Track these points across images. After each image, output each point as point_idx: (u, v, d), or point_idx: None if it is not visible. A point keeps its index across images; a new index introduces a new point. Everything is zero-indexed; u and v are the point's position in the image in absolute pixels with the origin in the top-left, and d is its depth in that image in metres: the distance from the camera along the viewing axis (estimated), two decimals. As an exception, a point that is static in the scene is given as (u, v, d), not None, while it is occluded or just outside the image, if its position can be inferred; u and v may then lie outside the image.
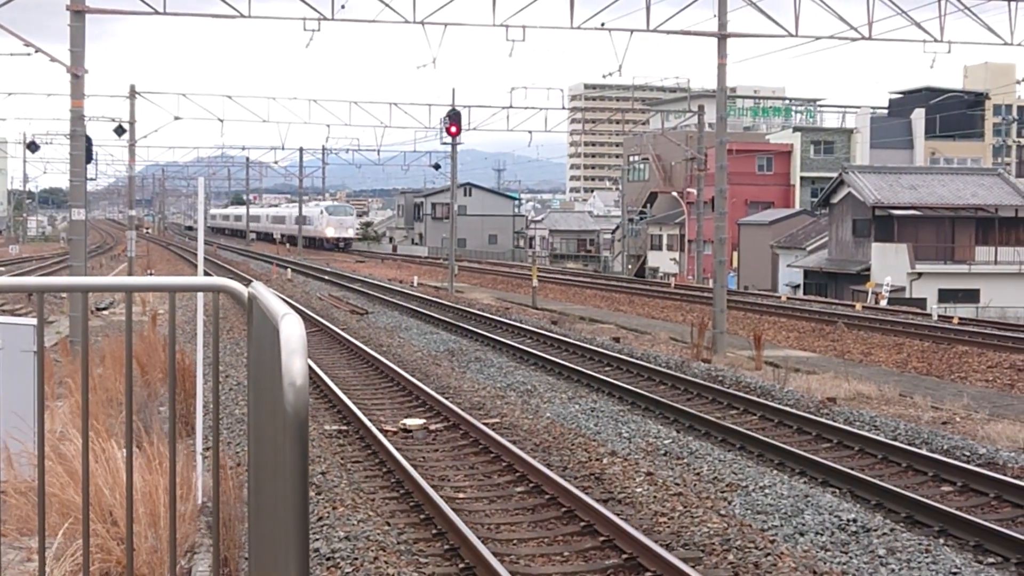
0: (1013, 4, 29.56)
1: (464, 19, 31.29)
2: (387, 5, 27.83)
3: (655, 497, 12.69)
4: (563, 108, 63.77)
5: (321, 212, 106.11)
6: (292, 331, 2.90)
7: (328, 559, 10.20)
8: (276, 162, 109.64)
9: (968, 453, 14.90)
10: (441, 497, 12.17)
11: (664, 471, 13.95)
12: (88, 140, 25.39)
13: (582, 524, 11.50)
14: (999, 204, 59.85)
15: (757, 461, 14.87)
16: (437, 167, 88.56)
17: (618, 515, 11.56)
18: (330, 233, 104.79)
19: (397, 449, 14.65)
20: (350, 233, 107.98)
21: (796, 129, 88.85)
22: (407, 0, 27.66)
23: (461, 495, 12.99)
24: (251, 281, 3.84)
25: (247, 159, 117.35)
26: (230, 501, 10.56)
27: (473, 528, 11.14)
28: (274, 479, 3.10)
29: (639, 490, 13.06)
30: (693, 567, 9.81)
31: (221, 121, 52.08)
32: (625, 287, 50.83)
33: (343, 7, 27.84)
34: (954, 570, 9.93)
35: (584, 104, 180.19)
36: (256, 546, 3.63)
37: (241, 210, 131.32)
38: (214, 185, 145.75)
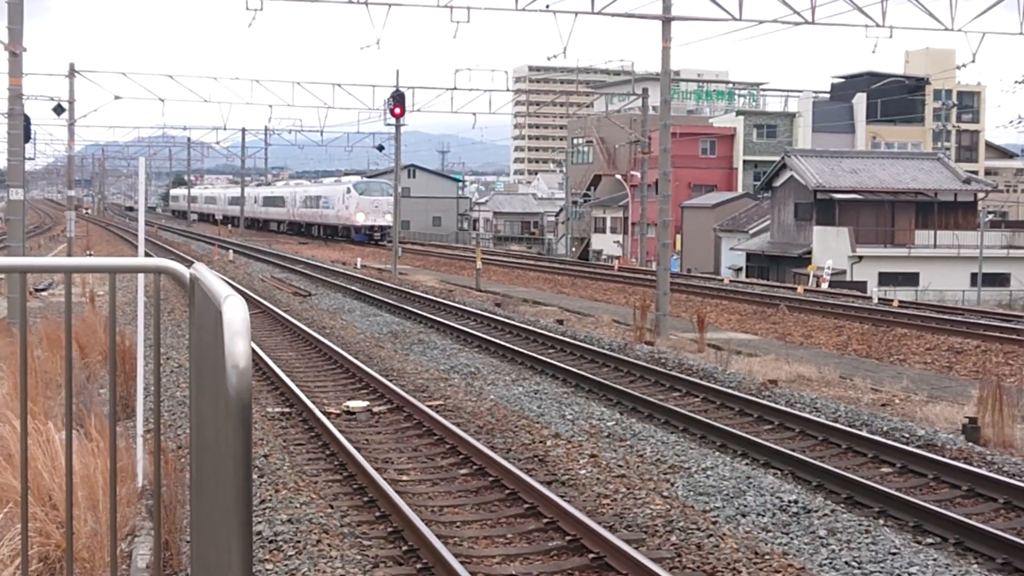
0: (953, -10, 29.82)
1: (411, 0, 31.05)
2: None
3: (598, 479, 12.73)
4: (508, 90, 63.80)
5: (348, 191, 78.73)
6: (235, 313, 2.87)
7: (271, 542, 10.15)
8: (218, 142, 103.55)
9: (907, 435, 15.06)
10: (384, 479, 12.14)
11: (607, 453, 14.00)
12: (27, 119, 25.02)
13: (526, 506, 11.52)
14: (938, 188, 60.52)
15: (699, 443, 14.96)
16: (381, 148, 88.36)
17: (562, 497, 11.59)
18: (360, 220, 77.29)
19: (340, 431, 14.60)
20: (387, 219, 72.96)
21: (739, 113, 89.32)
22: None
23: (405, 477, 12.98)
24: (193, 262, 3.80)
25: (188, 139, 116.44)
26: (171, 484, 10.50)
27: (417, 511, 11.12)
28: (216, 462, 3.07)
29: (583, 472, 13.10)
30: (636, 548, 9.85)
31: (162, 101, 51.69)
32: (569, 269, 50.89)
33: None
34: (893, 550, 10.03)
35: (529, 86, 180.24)
36: (198, 529, 3.60)
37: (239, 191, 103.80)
38: (155, 165, 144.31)
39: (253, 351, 21.64)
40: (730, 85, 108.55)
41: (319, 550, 9.96)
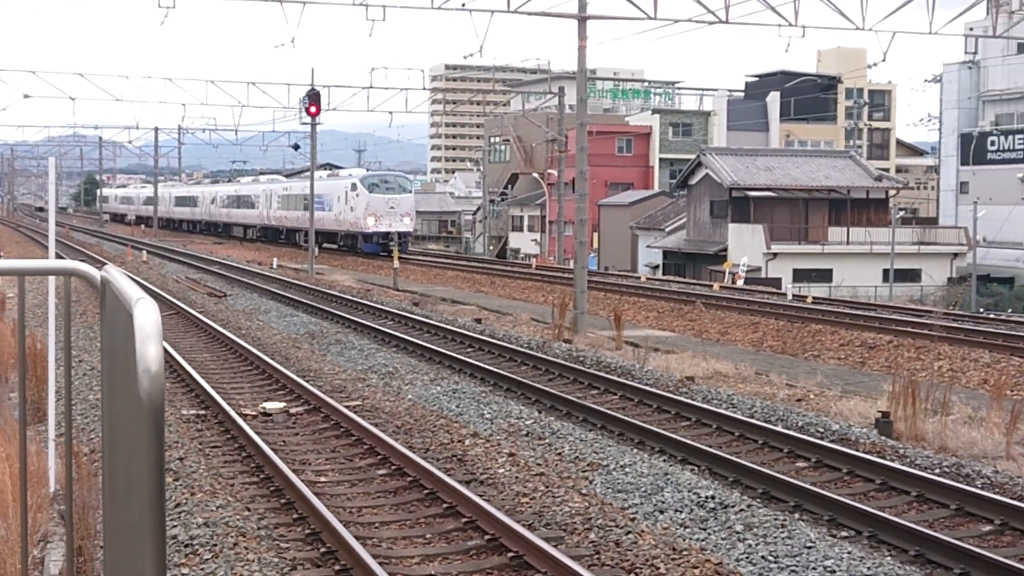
0: (864, -10, 30.25)
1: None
2: (244, -18, 27.40)
3: (517, 477, 12.76)
4: (424, 89, 63.74)
5: (354, 188, 61.63)
6: (147, 316, 2.84)
7: (186, 546, 10.05)
8: (131, 142, 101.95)
9: (822, 429, 15.25)
10: (302, 481, 12.07)
11: (526, 451, 14.03)
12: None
13: (445, 506, 11.51)
14: (851, 186, 61.37)
15: (618, 440, 15.04)
16: (296, 147, 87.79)
17: (481, 496, 11.60)
18: (370, 225, 60.00)
19: (257, 433, 14.50)
20: (406, 224, 61.05)
21: (655, 111, 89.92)
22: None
23: (323, 479, 12.91)
24: (104, 264, 3.75)
25: (100, 139, 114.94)
26: (84, 489, 10.36)
27: (335, 512, 11.07)
28: (129, 467, 3.04)
29: (501, 471, 13.11)
30: (555, 547, 9.89)
31: (73, 100, 51.00)
32: (487, 268, 50.91)
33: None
34: (808, 544, 10.16)
35: (445, 85, 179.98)
36: (111, 535, 3.56)
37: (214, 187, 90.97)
38: (66, 165, 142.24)
39: (167, 353, 21.46)
40: (646, 84, 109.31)
41: (236, 553, 9.88)
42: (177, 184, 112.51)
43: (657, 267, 64.21)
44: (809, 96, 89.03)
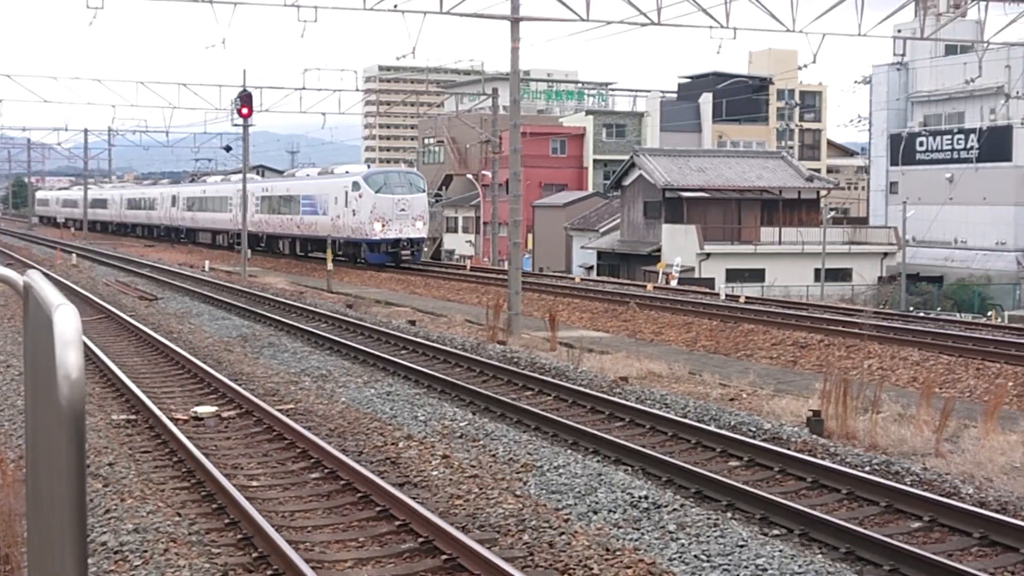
0: (794, -8, 30.52)
1: (254, -2, 30.60)
2: (174, -17, 27.18)
3: (451, 480, 12.75)
4: (357, 90, 63.61)
5: (356, 187, 52.12)
6: (67, 323, 2.81)
7: (116, 552, 9.94)
8: (60, 144, 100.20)
9: (754, 429, 15.36)
10: (234, 485, 11.99)
11: (460, 453, 14.02)
12: None
13: (378, 509, 11.48)
14: (783, 186, 61.91)
15: (552, 441, 15.07)
16: (228, 149, 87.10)
17: (414, 499, 11.58)
18: (377, 231, 50.99)
19: (188, 438, 14.37)
20: (419, 229, 52.33)
21: (589, 112, 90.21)
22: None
23: (255, 483, 12.83)
24: (27, 269, 3.70)
25: (28, 140, 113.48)
26: (10, 496, 10.21)
27: (267, 516, 11.01)
28: (50, 473, 3.01)
29: (435, 473, 13.09)
30: (489, 548, 9.89)
31: (-1, 101, 50.19)
32: (421, 270, 50.77)
33: (128, -16, 26.99)
34: (741, 543, 10.23)
35: (379, 86, 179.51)
36: (34, 542, 3.52)
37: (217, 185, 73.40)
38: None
39: (96, 357, 21.25)
40: (579, 85, 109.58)
41: (166, 559, 9.78)
42: (129, 185, 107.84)
43: (591, 268, 64.43)
44: (741, 97, 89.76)
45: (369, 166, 67.04)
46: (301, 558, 9.61)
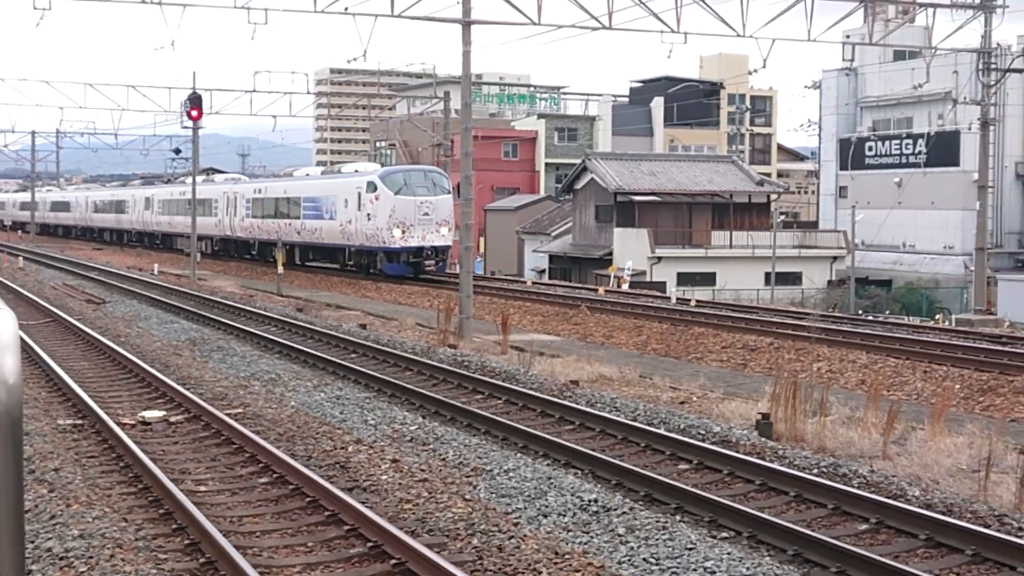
0: (744, -3, 30.70)
1: (204, 0, 30.47)
2: (122, -16, 26.99)
3: (400, 484, 12.72)
4: (308, 93, 63.28)
5: (371, 188, 45.33)
6: (3, 327, 2.79)
7: (61, 559, 9.84)
8: (6, 146, 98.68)
9: (704, 431, 15.42)
10: (181, 491, 11.91)
11: (410, 457, 13.99)
12: None
13: (327, 513, 11.44)
14: (733, 190, 62.27)
15: (502, 445, 15.07)
16: (178, 152, 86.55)
17: (363, 503, 11.55)
18: (397, 237, 44.45)
19: (135, 442, 14.28)
20: (444, 236, 45.48)
21: (541, 116, 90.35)
22: (143, -21, 26.82)
23: (203, 488, 12.75)
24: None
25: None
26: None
27: (215, 521, 10.94)
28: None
29: (384, 477, 13.06)
30: (438, 553, 9.88)
31: (-56, 102, 49.66)
32: (372, 273, 50.53)
33: (75, -16, 26.79)
34: (689, 546, 10.27)
35: (330, 89, 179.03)
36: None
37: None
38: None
39: (43, 362, 21.06)
40: (532, 89, 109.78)
41: (112, 565, 9.70)
42: (94, 186, 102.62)
43: (543, 271, 64.50)
44: (692, 101, 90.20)
45: (383, 164, 62.00)
46: (249, 563, 9.57)
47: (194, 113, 46.80)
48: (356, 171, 49.46)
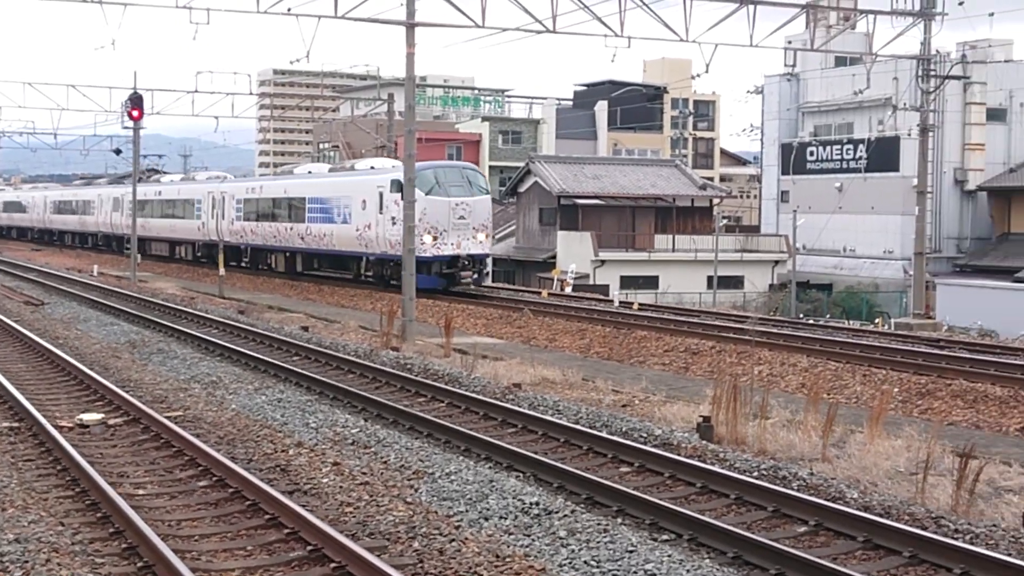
0: (688, 1, 30.83)
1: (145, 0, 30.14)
2: (62, -18, 26.72)
3: (341, 487, 12.66)
4: (251, 94, 62.84)
5: (396, 187, 37.20)
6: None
7: (-5, 564, 9.72)
8: None
9: (645, 435, 15.46)
10: (119, 494, 11.79)
11: (351, 460, 13.93)
12: None
13: (267, 517, 11.36)
14: (676, 194, 62.58)
15: (444, 448, 15.04)
16: (118, 152, 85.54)
17: (304, 507, 11.48)
18: (427, 244, 37.38)
19: (73, 445, 14.12)
20: (482, 242, 39.40)
21: (485, 119, 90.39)
22: (84, -23, 26.57)
23: (141, 491, 12.62)
24: None
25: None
26: None
27: (153, 525, 10.83)
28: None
29: (325, 480, 13.00)
30: (378, 556, 9.83)
31: None
32: (315, 275, 50.27)
33: (14, -18, 26.53)
34: (630, 548, 10.29)
35: (273, 90, 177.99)
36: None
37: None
38: None
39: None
40: (476, 91, 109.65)
41: (48, 570, 9.59)
42: (52, 186, 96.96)
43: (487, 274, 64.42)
44: (636, 105, 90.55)
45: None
46: (187, 567, 9.48)
47: (135, 113, 46.41)
48: (373, 168, 43.70)
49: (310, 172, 49.52)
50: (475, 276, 39.00)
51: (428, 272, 37.56)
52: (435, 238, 37.63)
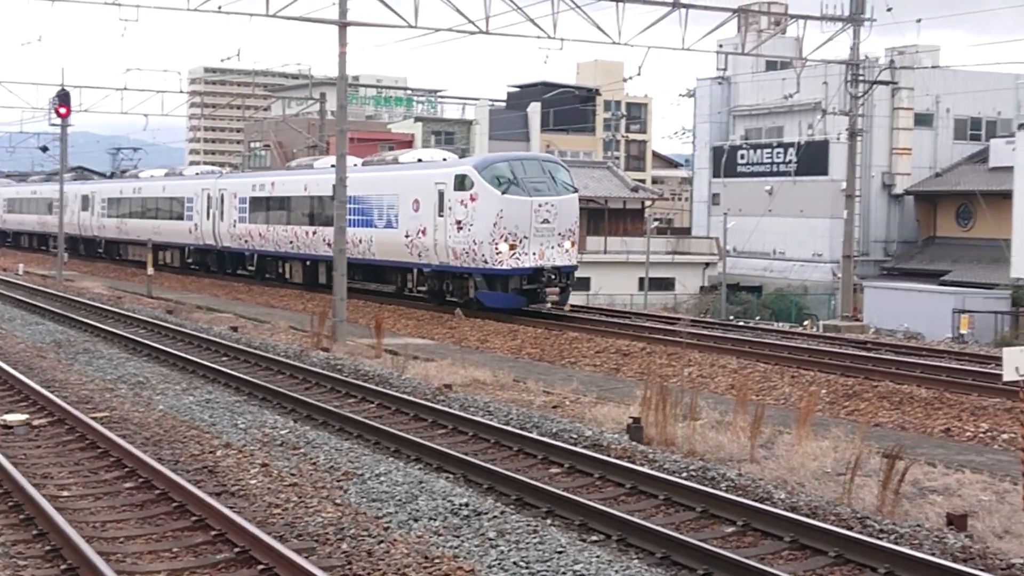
0: (621, 4, 30.97)
1: (73, -6, 29.69)
2: (-13, -24, 26.37)
3: (270, 488, 12.57)
4: (181, 92, 62.28)
5: (463, 186, 32.23)
6: None
7: (-85, 567, 9.55)
8: None
9: (576, 436, 15.49)
10: (43, 496, 11.63)
11: (280, 462, 13.85)
12: None
13: (193, 519, 11.26)
14: (608, 196, 62.84)
15: (374, 449, 14.99)
16: (45, 149, 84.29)
17: (231, 508, 11.39)
18: (503, 254, 31.15)
19: (-4, 447, 13.91)
20: (568, 251, 32.52)
21: (418, 119, 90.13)
22: (10, -29, 26.27)
23: (65, 493, 12.46)
24: None
25: None
26: None
27: (77, 527, 10.70)
28: None
29: (254, 482, 12.90)
30: (306, 558, 9.78)
31: None
32: (245, 275, 49.83)
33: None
34: (559, 549, 10.31)
35: (204, 88, 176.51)
36: None
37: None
38: None
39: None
40: (409, 92, 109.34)
41: (-31, 573, 9.45)
42: (7, 182, 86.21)
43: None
44: (568, 107, 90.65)
45: (463, 154, 47.02)
46: (112, 570, 9.38)
47: (62, 110, 45.85)
48: (419, 160, 37.26)
49: (332, 166, 37.64)
50: (563, 292, 32.42)
51: (504, 288, 31.64)
52: (512, 247, 31.18)
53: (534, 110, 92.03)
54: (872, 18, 37.54)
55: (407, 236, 34.27)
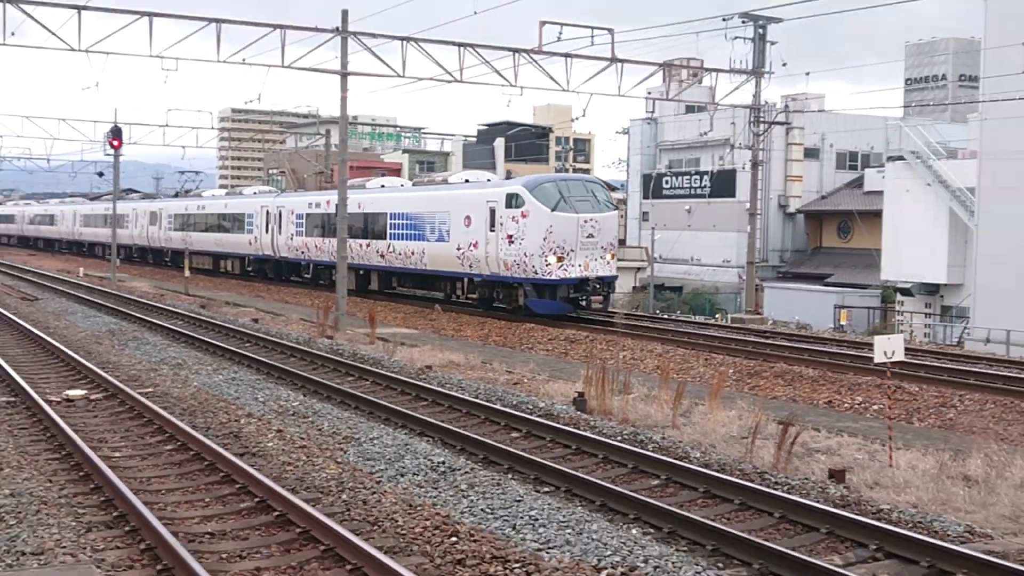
0: (569, 60, 31.10)
1: (124, 49, 29.59)
2: (53, 33, 26.12)
3: (283, 450, 12.53)
4: (212, 128, 61.93)
5: (514, 203, 29.84)
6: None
7: (-7, 514, 9.46)
8: None
9: (531, 407, 15.51)
10: (99, 456, 11.56)
11: (292, 428, 13.80)
12: None
13: (222, 474, 11.22)
14: (559, 214, 62.52)
15: (368, 418, 14.96)
16: (101, 175, 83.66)
17: (252, 466, 11.35)
18: (552, 266, 28.82)
19: (60, 416, 13.81)
20: (609, 263, 29.79)
21: (405, 151, 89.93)
22: (72, 30, 25.97)
23: (117, 454, 12.38)
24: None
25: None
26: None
27: (127, 482, 10.64)
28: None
29: (270, 444, 12.86)
30: (313, 506, 9.77)
31: None
32: (265, 277, 49.51)
33: (12, 34, 25.90)
34: (518, 498, 10.33)
35: (231, 125, 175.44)
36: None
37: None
38: None
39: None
40: (397, 128, 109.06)
41: (38, 519, 9.38)
42: (78, 200, 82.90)
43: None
44: (527, 142, 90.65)
45: (510, 175, 44.35)
46: (155, 516, 9.32)
47: (115, 143, 45.49)
48: (467, 180, 34.94)
49: (383, 186, 39.35)
50: (605, 300, 29.95)
51: (553, 296, 29.46)
52: (560, 259, 29.00)
53: (499, 144, 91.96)
54: (771, 71, 37.72)
55: (459, 248, 32.07)
